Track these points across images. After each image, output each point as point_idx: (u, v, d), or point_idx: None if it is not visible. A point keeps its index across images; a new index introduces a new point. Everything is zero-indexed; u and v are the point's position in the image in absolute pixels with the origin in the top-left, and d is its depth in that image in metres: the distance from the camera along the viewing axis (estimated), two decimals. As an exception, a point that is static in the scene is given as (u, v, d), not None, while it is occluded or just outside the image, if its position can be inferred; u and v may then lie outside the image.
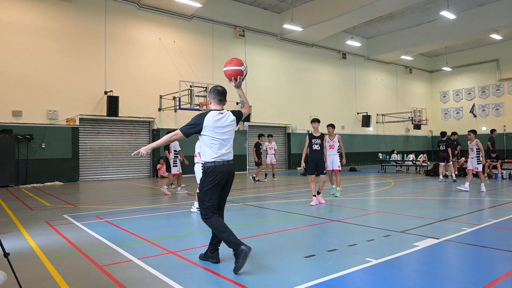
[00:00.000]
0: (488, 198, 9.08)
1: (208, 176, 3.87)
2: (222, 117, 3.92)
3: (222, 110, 3.99)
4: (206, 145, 3.90)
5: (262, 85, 20.93)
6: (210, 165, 3.87)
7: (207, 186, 3.87)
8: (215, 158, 3.86)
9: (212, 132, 3.85)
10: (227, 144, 3.95)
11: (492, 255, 4.27)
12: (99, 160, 15.95)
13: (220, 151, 3.88)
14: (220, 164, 3.87)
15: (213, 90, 4.05)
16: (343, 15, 18.73)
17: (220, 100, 4.02)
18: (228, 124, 3.95)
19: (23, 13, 14.04)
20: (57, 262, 4.16)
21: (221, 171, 3.86)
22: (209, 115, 3.88)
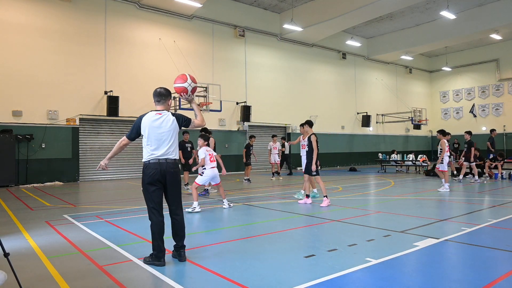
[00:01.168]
0: (488, 198, 9.08)
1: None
2: (159, 117, 4.13)
3: (161, 111, 4.19)
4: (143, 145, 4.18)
5: (262, 85, 20.93)
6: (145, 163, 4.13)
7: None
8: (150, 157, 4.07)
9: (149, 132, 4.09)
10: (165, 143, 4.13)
11: (492, 255, 4.27)
12: (99, 160, 15.89)
13: (155, 151, 4.09)
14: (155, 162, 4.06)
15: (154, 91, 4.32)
16: (343, 15, 18.73)
17: (157, 101, 4.24)
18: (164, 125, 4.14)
19: (23, 13, 14.04)
20: (57, 262, 4.16)
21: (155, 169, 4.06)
22: (147, 116, 4.14)
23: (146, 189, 4.09)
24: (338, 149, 24.29)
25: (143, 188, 4.12)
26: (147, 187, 4.07)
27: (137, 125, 4.15)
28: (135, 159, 16.66)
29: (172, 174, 4.12)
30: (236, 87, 19.73)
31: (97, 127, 15.93)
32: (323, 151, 23.22)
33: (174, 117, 4.20)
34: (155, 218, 4.06)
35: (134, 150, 16.72)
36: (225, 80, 18.78)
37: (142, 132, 4.12)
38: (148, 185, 4.06)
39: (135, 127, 4.16)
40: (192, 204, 7.65)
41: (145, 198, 4.14)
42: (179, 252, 4.16)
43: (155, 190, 4.08)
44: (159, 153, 4.07)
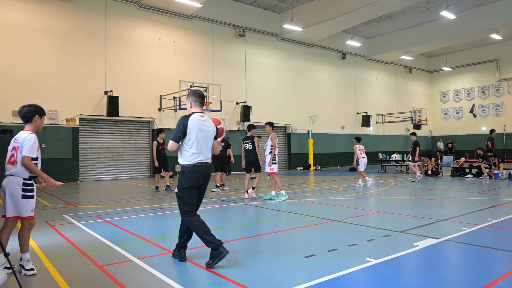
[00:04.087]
0: (488, 198, 9.08)
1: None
2: (205, 119, 4.09)
3: (203, 114, 4.15)
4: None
5: (262, 85, 20.93)
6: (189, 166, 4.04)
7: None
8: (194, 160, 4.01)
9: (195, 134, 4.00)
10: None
11: (492, 255, 4.27)
12: (99, 160, 15.95)
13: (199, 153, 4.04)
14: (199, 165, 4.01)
15: (193, 92, 4.22)
16: (343, 15, 18.73)
17: (200, 102, 4.19)
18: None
19: (23, 13, 14.04)
20: (57, 262, 4.16)
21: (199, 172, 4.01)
22: (193, 117, 4.03)
23: (186, 193, 3.98)
24: (338, 149, 24.28)
25: (182, 192, 4.00)
26: (189, 191, 3.97)
27: (183, 126, 3.97)
28: (135, 159, 16.67)
29: (209, 178, 4.17)
30: (236, 87, 19.72)
31: (97, 127, 15.93)
32: (323, 151, 23.27)
33: (213, 122, 4.24)
34: (196, 218, 3.99)
35: (134, 150, 16.73)
36: (225, 80, 18.78)
37: (188, 133, 3.98)
38: (190, 189, 3.97)
39: (182, 128, 3.97)
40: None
41: (183, 201, 4.00)
42: (181, 252, 4.15)
43: (195, 193, 4.04)
44: (204, 156, 4.02)
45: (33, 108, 4.00)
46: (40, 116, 4.06)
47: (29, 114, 3.98)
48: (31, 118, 3.99)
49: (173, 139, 4.00)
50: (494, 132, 15.53)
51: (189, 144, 3.97)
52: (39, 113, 4.04)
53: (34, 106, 4.03)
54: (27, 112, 3.97)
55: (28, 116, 3.97)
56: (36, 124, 4.05)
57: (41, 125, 4.13)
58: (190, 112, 4.11)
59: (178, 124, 4.01)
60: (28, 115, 3.98)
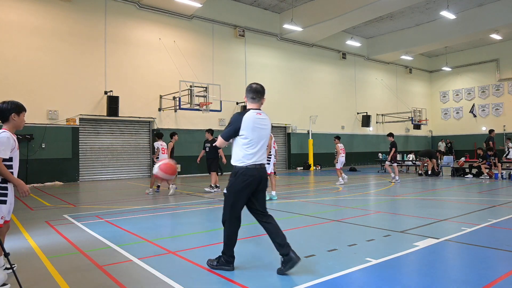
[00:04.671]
0: (488, 198, 9.08)
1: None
2: (261, 117, 3.75)
3: (260, 110, 3.79)
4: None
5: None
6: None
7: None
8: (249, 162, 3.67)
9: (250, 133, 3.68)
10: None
11: (492, 255, 4.27)
12: (99, 160, 15.95)
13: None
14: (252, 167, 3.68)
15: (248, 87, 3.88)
16: (343, 15, 18.73)
17: (253, 98, 3.80)
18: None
19: (23, 13, 14.04)
20: (57, 262, 4.16)
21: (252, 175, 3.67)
22: (248, 114, 3.68)
23: (237, 197, 3.68)
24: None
25: (231, 196, 3.70)
26: (240, 195, 3.68)
27: (237, 124, 3.63)
28: (135, 159, 16.67)
29: (266, 180, 3.84)
30: (236, 87, 19.72)
31: (97, 127, 15.93)
32: (323, 151, 23.25)
33: (269, 120, 3.89)
34: (237, 226, 3.78)
35: (134, 150, 16.74)
36: (225, 80, 18.78)
37: (243, 132, 3.64)
38: (241, 193, 3.67)
39: (234, 126, 3.65)
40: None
41: (231, 206, 3.71)
42: (287, 250, 3.61)
43: (244, 198, 3.72)
44: (258, 157, 3.71)
45: (8, 105, 3.63)
46: (18, 113, 3.66)
47: (5, 113, 3.61)
48: (8, 117, 3.61)
49: (223, 136, 3.73)
50: (493, 132, 15.56)
51: (243, 144, 3.65)
52: (16, 110, 3.65)
53: (10, 103, 3.66)
54: (4, 109, 3.61)
55: (4, 115, 3.61)
56: (14, 123, 3.66)
57: (20, 123, 3.72)
58: (246, 108, 3.79)
59: (230, 121, 3.70)
60: (5, 113, 3.61)
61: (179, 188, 11.85)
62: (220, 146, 3.82)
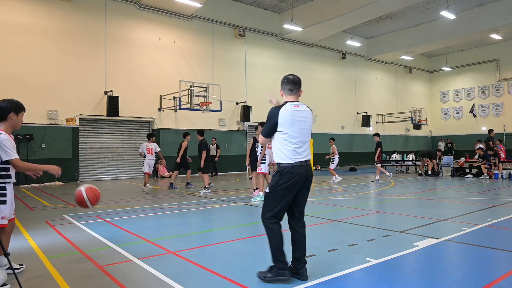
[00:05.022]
0: (488, 198, 9.08)
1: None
2: (300, 110, 3.54)
3: (298, 103, 3.61)
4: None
5: (262, 85, 20.92)
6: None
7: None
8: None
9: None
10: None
11: (492, 255, 4.27)
12: (99, 160, 15.95)
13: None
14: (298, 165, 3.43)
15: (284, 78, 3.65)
16: (343, 15, 18.73)
17: (290, 90, 3.64)
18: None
19: (23, 13, 14.03)
20: (57, 262, 4.16)
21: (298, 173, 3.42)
22: (284, 108, 3.49)
23: (281, 197, 3.41)
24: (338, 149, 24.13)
25: (275, 196, 3.42)
26: (284, 194, 3.40)
27: (274, 119, 3.45)
28: (135, 159, 16.65)
29: (311, 178, 3.56)
30: (236, 87, 19.72)
31: (97, 127, 15.93)
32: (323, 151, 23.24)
33: (310, 110, 3.62)
34: (277, 227, 3.44)
35: (134, 150, 16.72)
36: (225, 80, 18.78)
37: (281, 127, 3.43)
38: (286, 192, 3.39)
39: (272, 122, 3.45)
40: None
41: (270, 204, 3.44)
42: (302, 266, 3.49)
43: (289, 198, 3.44)
44: (303, 154, 3.45)
45: (7, 104, 3.51)
46: (17, 113, 3.56)
47: (4, 112, 3.48)
48: (6, 116, 3.50)
49: (263, 133, 3.55)
50: (493, 132, 15.58)
51: (284, 140, 3.43)
52: (15, 109, 3.54)
53: (9, 101, 3.54)
54: (2, 108, 3.48)
55: (2, 113, 3.49)
56: (12, 123, 3.56)
57: (18, 123, 3.62)
58: (283, 102, 3.62)
59: (268, 117, 3.51)
60: (2, 112, 3.48)
61: (179, 188, 11.86)
62: (262, 143, 3.59)
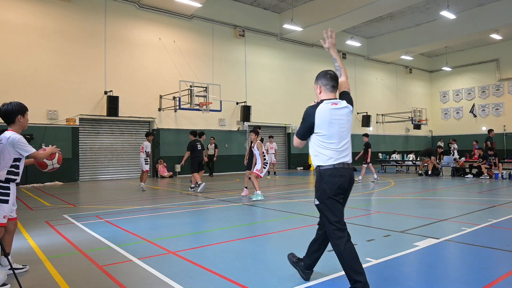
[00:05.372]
0: (488, 198, 9.08)
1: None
2: (339, 108, 3.22)
3: (336, 100, 3.28)
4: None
5: (262, 85, 20.93)
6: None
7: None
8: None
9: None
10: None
11: (492, 255, 4.27)
12: (99, 160, 15.95)
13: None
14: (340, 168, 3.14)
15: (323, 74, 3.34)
16: (343, 15, 18.72)
17: (333, 86, 3.30)
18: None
19: (23, 13, 14.04)
20: (57, 262, 4.16)
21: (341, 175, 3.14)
22: (321, 106, 3.18)
23: (330, 204, 3.10)
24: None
25: (324, 204, 3.12)
26: (332, 201, 3.10)
27: (311, 120, 3.15)
28: (135, 159, 16.65)
29: (353, 182, 3.31)
30: (236, 87, 19.72)
31: (97, 127, 15.93)
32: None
33: (351, 107, 3.32)
34: (346, 240, 3.07)
35: (134, 150, 16.72)
36: (225, 80, 18.78)
37: (318, 128, 3.13)
38: (334, 198, 3.10)
39: (308, 122, 3.16)
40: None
41: (328, 216, 3.11)
42: (306, 272, 3.39)
43: (341, 204, 3.17)
44: (344, 155, 3.16)
45: (13, 107, 3.66)
46: (23, 114, 3.74)
47: (12, 115, 3.65)
48: (14, 119, 3.68)
49: (298, 135, 3.26)
50: (493, 131, 15.60)
51: (322, 141, 3.14)
52: (21, 112, 3.72)
53: (14, 104, 3.69)
54: (9, 112, 3.64)
55: (10, 117, 3.66)
56: (21, 124, 3.75)
57: (25, 123, 3.79)
58: (319, 100, 3.28)
59: (304, 117, 3.22)
60: (11, 115, 3.65)
61: (179, 188, 11.86)
62: (297, 146, 3.33)
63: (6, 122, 3.69)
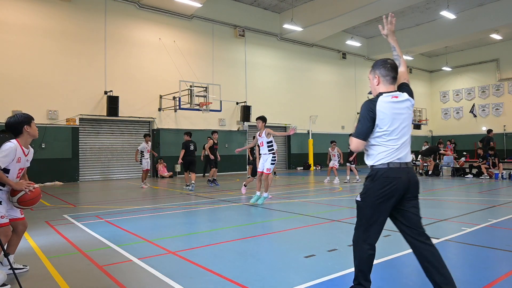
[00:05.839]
0: (488, 198, 9.08)
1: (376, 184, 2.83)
2: (400, 101, 2.84)
3: (396, 93, 2.90)
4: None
5: (262, 85, 20.93)
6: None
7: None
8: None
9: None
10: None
11: (492, 255, 4.27)
12: (99, 160, 15.95)
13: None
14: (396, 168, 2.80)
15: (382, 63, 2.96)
16: (343, 15, 18.73)
17: (393, 77, 2.93)
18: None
19: (23, 13, 14.04)
20: (57, 262, 4.16)
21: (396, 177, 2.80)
22: (381, 100, 2.82)
23: (371, 206, 2.82)
24: (338, 149, 24.26)
25: (367, 206, 2.85)
26: (379, 205, 2.80)
27: (371, 115, 2.77)
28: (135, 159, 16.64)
29: (416, 184, 2.93)
30: (236, 87, 19.73)
31: (97, 127, 15.93)
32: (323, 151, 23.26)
33: (411, 99, 2.92)
34: (369, 249, 2.93)
35: (134, 150, 16.69)
36: (225, 80, 18.78)
37: (379, 124, 2.78)
38: (381, 203, 2.79)
39: (369, 117, 2.78)
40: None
41: (362, 216, 2.90)
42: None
43: (386, 210, 2.85)
44: (402, 154, 2.81)
45: (18, 118, 3.70)
46: (29, 124, 3.79)
47: (18, 127, 3.68)
48: (21, 130, 3.72)
49: (358, 135, 2.82)
50: (492, 132, 15.64)
51: (379, 138, 2.81)
52: (27, 122, 3.77)
53: (19, 115, 3.73)
54: (15, 124, 3.67)
55: (17, 129, 3.69)
56: (29, 134, 3.79)
57: (35, 132, 3.85)
58: (377, 92, 2.92)
59: (361, 113, 2.83)
60: (18, 127, 3.68)
61: (179, 188, 11.86)
62: (356, 149, 2.88)
63: (14, 134, 3.71)
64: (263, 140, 8.39)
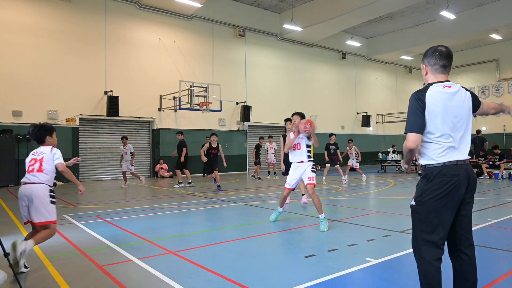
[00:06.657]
0: (488, 198, 9.08)
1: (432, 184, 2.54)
2: (453, 92, 2.60)
3: (449, 83, 2.65)
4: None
5: (262, 85, 20.93)
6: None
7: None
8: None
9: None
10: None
11: (492, 255, 4.27)
12: (99, 160, 15.95)
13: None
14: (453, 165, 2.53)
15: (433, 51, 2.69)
16: (343, 15, 18.73)
17: (443, 66, 2.69)
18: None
19: (23, 13, 14.04)
20: (57, 262, 4.16)
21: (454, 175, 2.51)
22: (432, 90, 2.60)
23: (430, 209, 2.51)
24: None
25: (424, 210, 2.53)
26: (437, 208, 2.49)
27: (422, 104, 2.53)
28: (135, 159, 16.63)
29: (475, 183, 2.64)
30: (236, 87, 19.73)
31: (97, 127, 15.93)
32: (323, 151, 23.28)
33: (469, 92, 2.66)
34: (435, 261, 2.56)
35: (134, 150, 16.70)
36: (225, 80, 18.78)
37: (429, 116, 2.53)
38: (441, 205, 2.49)
39: (419, 110, 2.53)
40: None
41: (421, 221, 2.56)
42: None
43: (448, 212, 2.54)
44: (458, 151, 2.54)
45: (40, 129, 4.27)
46: (51, 135, 4.35)
47: (42, 137, 4.29)
48: (44, 139, 4.32)
49: (413, 130, 2.54)
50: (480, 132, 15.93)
51: (431, 132, 2.54)
52: (49, 133, 4.34)
53: (42, 126, 4.28)
54: (40, 134, 4.27)
55: (41, 138, 4.30)
56: (50, 143, 4.35)
57: (54, 142, 4.41)
58: (427, 83, 2.70)
59: (410, 106, 2.59)
60: (41, 137, 4.29)
61: (179, 188, 11.86)
62: (414, 146, 2.57)
63: (38, 142, 4.33)
64: (301, 142, 6.11)
